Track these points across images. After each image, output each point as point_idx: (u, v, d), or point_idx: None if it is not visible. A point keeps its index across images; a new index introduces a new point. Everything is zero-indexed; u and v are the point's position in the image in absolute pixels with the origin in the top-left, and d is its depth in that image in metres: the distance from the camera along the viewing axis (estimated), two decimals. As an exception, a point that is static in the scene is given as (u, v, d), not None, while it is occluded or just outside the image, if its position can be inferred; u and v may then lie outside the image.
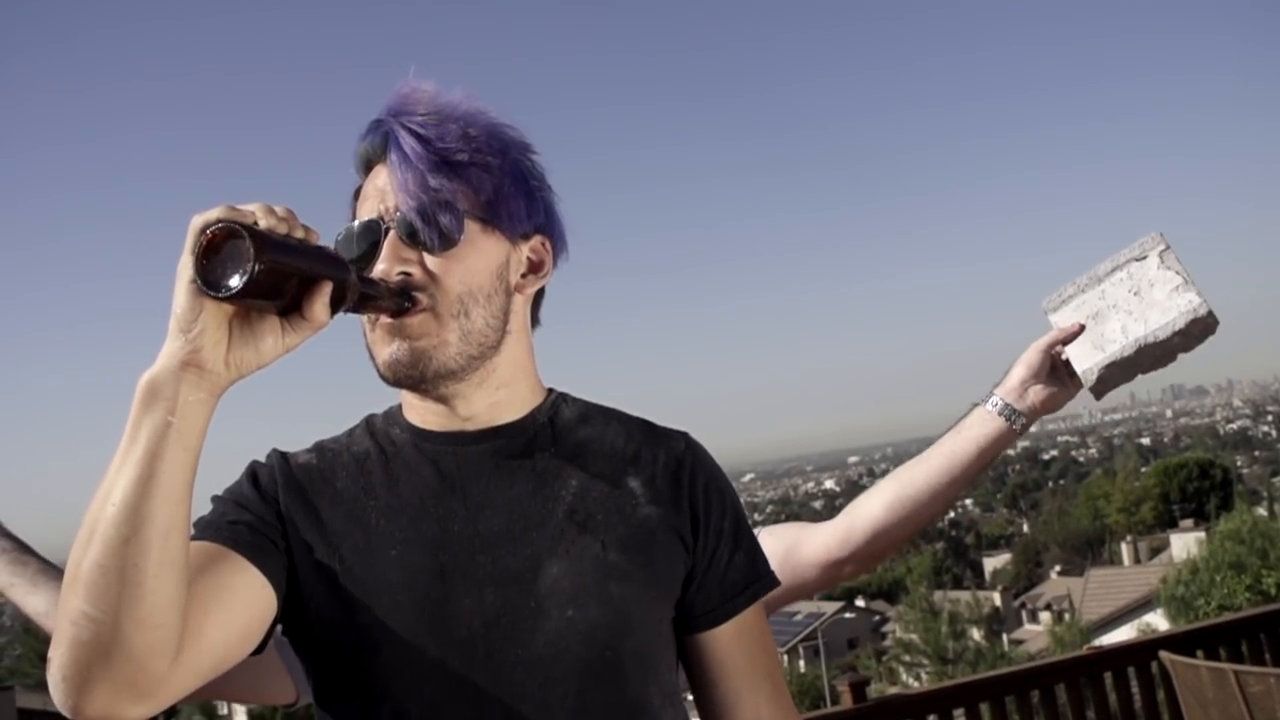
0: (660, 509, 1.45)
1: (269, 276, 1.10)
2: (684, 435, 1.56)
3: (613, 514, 1.42)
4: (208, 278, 1.09)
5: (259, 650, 1.34)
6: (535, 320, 1.57)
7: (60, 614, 1.12)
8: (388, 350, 1.39)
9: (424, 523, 1.39)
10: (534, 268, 1.51)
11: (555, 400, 1.53)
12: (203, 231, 1.09)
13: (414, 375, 1.39)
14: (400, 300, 1.36)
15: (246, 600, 1.30)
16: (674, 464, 1.50)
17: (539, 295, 1.56)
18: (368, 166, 1.47)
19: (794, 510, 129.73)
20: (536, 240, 1.50)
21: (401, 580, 1.35)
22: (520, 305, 1.50)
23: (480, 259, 1.42)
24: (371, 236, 1.39)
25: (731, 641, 1.50)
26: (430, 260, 1.39)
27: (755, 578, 1.52)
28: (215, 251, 1.09)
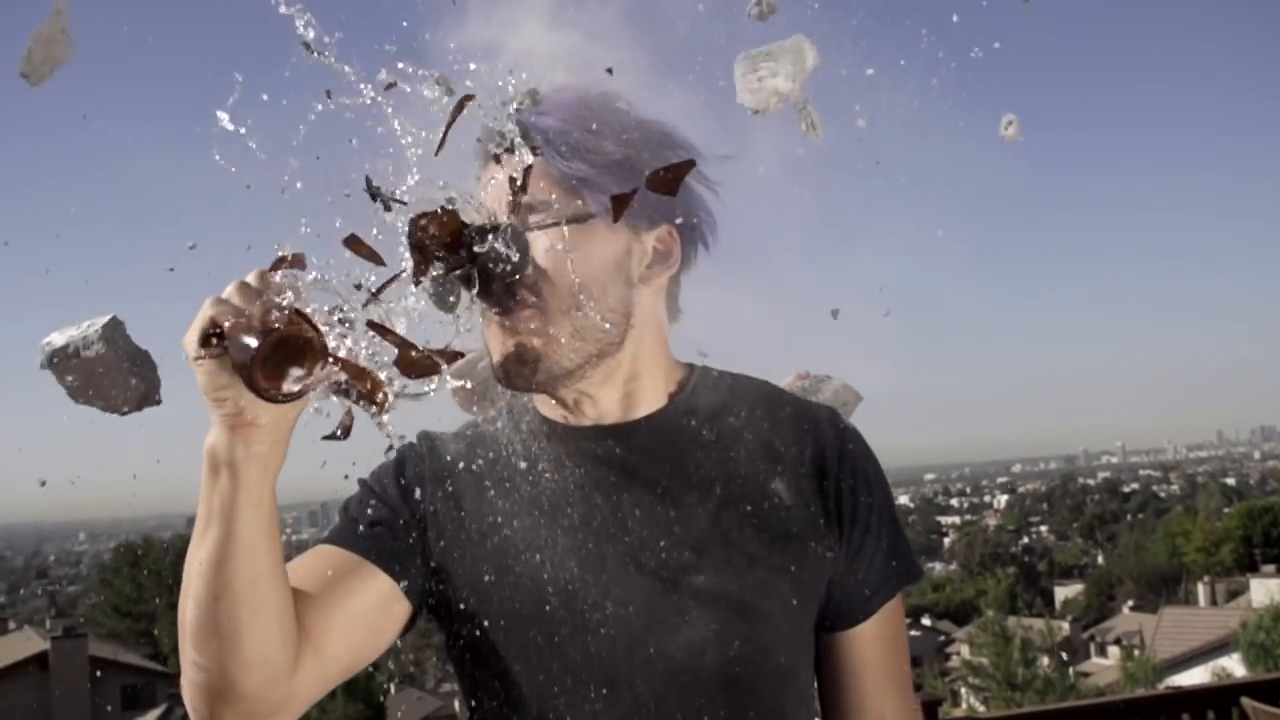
0: (807, 512, 1.40)
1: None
2: (831, 420, 1.47)
3: (759, 524, 1.38)
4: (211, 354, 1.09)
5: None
6: (677, 309, 1.50)
7: (181, 656, 1.19)
8: (500, 350, 1.35)
9: (567, 523, 1.36)
10: (660, 257, 1.42)
11: (694, 386, 1.46)
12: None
13: (526, 376, 1.34)
14: (507, 298, 1.29)
15: (374, 605, 1.32)
16: (820, 458, 1.43)
17: (677, 285, 1.48)
18: (490, 158, 1.38)
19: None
20: (663, 229, 1.41)
21: (543, 580, 1.34)
22: (646, 297, 1.42)
23: (595, 249, 1.34)
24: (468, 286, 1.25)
25: (867, 643, 1.46)
26: (540, 253, 1.31)
27: (897, 572, 1.47)
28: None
